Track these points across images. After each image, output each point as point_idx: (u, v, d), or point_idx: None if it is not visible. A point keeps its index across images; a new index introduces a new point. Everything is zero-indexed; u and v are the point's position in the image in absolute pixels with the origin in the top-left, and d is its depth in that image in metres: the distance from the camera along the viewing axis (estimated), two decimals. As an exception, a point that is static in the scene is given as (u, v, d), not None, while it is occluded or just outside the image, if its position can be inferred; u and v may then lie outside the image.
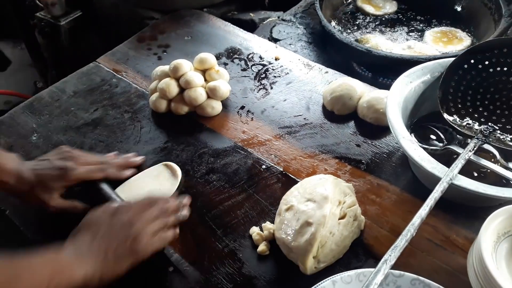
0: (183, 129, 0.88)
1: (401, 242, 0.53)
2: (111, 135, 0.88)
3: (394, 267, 0.53)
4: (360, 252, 0.67)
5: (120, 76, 1.01)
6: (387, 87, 0.95)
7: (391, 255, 0.51)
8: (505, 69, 0.75)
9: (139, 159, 0.81)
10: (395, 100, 0.74)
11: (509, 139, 0.73)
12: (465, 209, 0.70)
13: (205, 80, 0.93)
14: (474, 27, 1.15)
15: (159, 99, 0.90)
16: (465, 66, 0.78)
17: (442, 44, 1.11)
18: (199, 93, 0.89)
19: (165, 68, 0.94)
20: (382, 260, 0.51)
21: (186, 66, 0.92)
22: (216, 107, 0.91)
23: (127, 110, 0.93)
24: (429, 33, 1.15)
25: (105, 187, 0.73)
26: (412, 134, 0.77)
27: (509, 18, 1.01)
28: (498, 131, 0.74)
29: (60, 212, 0.70)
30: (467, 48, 0.95)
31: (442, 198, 0.61)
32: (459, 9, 1.21)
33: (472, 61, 0.77)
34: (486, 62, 0.77)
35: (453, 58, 0.79)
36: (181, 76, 0.90)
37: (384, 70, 1.08)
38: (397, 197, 0.74)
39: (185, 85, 0.89)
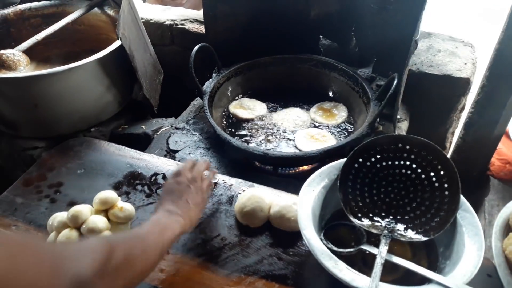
0: None
1: None
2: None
3: None
4: None
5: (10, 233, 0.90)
6: (288, 176, 1.11)
7: None
8: (390, 163, 0.85)
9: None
10: (304, 212, 0.78)
11: (411, 231, 0.81)
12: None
13: (109, 220, 0.88)
14: (349, 110, 1.28)
15: (61, 254, 0.82)
16: (356, 165, 0.86)
17: (326, 117, 1.24)
18: (106, 240, 0.83)
19: (63, 216, 0.86)
20: None
21: (85, 211, 0.86)
22: (127, 248, 0.85)
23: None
24: (313, 112, 1.27)
25: None
26: (325, 239, 0.79)
27: (376, 102, 1.15)
28: (398, 225, 0.82)
29: None
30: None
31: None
32: (330, 94, 1.34)
33: (360, 160, 0.86)
34: (372, 159, 0.85)
35: (345, 160, 0.86)
36: (82, 223, 0.84)
37: (281, 164, 1.13)
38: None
39: (88, 233, 0.83)
